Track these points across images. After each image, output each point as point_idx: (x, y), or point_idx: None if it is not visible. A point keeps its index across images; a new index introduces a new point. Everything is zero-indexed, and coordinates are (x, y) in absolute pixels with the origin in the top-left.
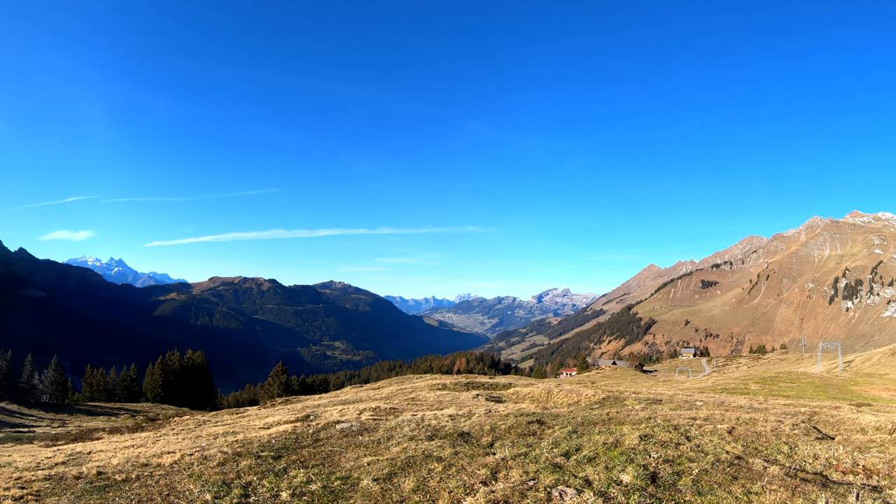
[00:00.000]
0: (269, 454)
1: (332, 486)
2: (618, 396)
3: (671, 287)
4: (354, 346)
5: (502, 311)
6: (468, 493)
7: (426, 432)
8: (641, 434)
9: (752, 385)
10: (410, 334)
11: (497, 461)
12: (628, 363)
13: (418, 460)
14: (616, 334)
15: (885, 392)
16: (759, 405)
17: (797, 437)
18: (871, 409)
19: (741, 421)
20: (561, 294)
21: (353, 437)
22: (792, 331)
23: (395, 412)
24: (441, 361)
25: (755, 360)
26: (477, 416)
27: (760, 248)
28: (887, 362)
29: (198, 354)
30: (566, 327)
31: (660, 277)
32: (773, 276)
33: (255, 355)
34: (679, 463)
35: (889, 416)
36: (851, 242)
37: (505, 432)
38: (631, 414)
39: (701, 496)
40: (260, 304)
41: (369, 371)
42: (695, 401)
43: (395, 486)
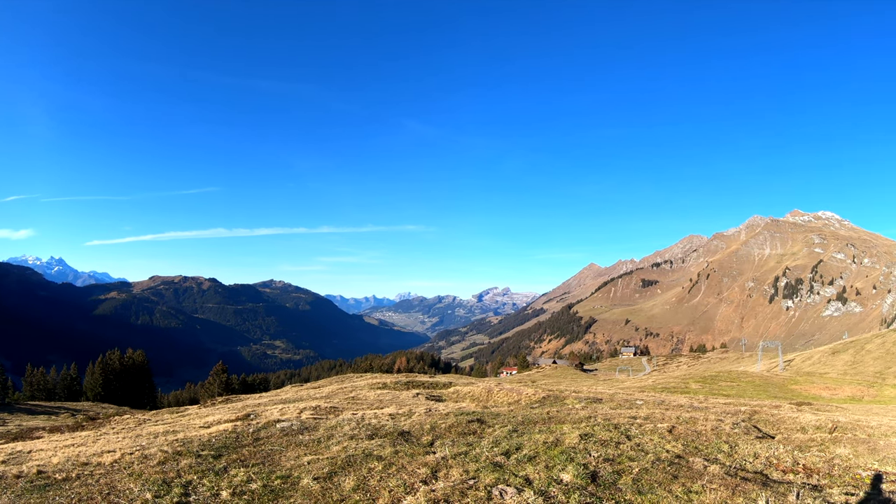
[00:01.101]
0: (210, 453)
1: (272, 484)
2: (558, 395)
3: (612, 286)
4: (295, 345)
5: (443, 311)
6: (408, 491)
7: (366, 431)
8: (582, 433)
9: (692, 384)
10: (351, 333)
11: (437, 460)
12: (569, 362)
13: (358, 459)
14: (556, 333)
15: (825, 391)
16: (700, 404)
17: (737, 437)
18: (812, 408)
19: (681, 420)
20: (501, 293)
21: (294, 436)
22: (732, 330)
23: (336, 411)
24: (381, 360)
25: (695, 359)
26: (417, 415)
27: (701, 247)
28: (827, 361)
29: (138, 353)
30: (506, 326)
31: (600, 276)
32: (714, 275)
33: (196, 354)
34: (619, 462)
35: (829, 415)
36: (792, 241)
37: (445, 431)
38: (571, 413)
39: (641, 495)
40: (200, 303)
41: (310, 370)
42: (635, 400)
43: (335, 484)
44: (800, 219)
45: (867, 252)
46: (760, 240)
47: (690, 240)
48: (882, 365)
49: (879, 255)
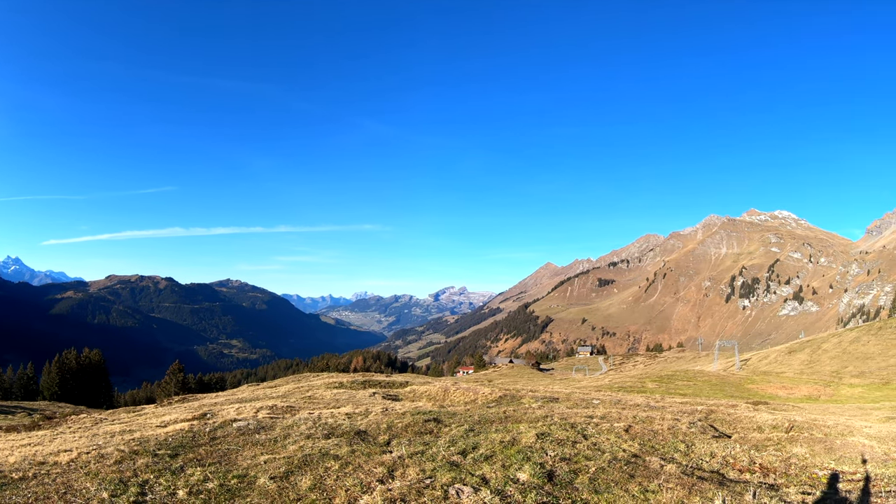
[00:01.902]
0: (166, 452)
1: (228, 484)
2: (515, 395)
3: (568, 285)
4: (251, 344)
5: (399, 310)
6: (365, 491)
7: (323, 430)
8: (538, 432)
9: (649, 383)
10: (307, 332)
11: (394, 459)
12: (525, 361)
13: (315, 458)
14: (513, 332)
15: (781, 390)
16: (656, 403)
17: (694, 436)
18: (768, 407)
19: (638, 419)
20: (458, 292)
21: (250, 435)
22: (689, 329)
23: (292, 410)
24: (338, 360)
25: (652, 358)
26: (374, 415)
27: (657, 246)
28: (784, 360)
29: (95, 353)
30: (463, 325)
31: (557, 276)
32: (670, 274)
33: (153, 354)
34: (576, 461)
35: (786, 415)
36: (748, 241)
37: (402, 430)
38: (528, 412)
39: (598, 494)
40: (157, 302)
41: (266, 369)
42: (592, 399)
43: (291, 484)
44: (756, 218)
45: (824, 251)
46: (717, 239)
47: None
48: (838, 364)
49: (836, 255)
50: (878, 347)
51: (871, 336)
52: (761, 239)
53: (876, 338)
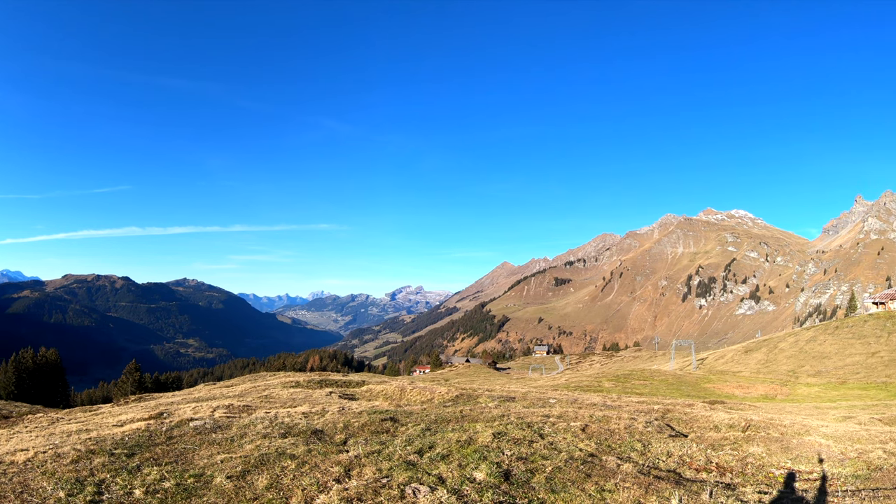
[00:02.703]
0: (123, 452)
1: (185, 483)
2: (471, 394)
3: (525, 285)
4: (208, 343)
5: (356, 309)
6: (321, 490)
7: (280, 430)
8: (495, 432)
9: (605, 383)
10: (264, 332)
11: (350, 459)
12: (482, 361)
13: (272, 458)
14: (470, 332)
15: (738, 389)
16: (613, 403)
17: (651, 435)
18: (725, 406)
19: (595, 418)
20: (415, 291)
21: (207, 434)
22: (645, 328)
23: (249, 410)
24: (294, 359)
25: (609, 357)
26: (330, 414)
27: (614, 245)
28: (740, 360)
29: (51, 352)
30: (420, 325)
31: (513, 275)
32: (627, 273)
33: (109, 353)
34: (533, 460)
35: (742, 414)
36: (705, 240)
37: (358, 430)
38: (484, 411)
39: (554, 494)
40: (114, 301)
41: (223, 369)
42: (548, 398)
43: (248, 483)
44: (713, 217)
45: (780, 250)
46: (674, 238)
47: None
48: (795, 363)
49: (792, 254)
50: (835, 347)
51: (828, 335)
52: (718, 238)
53: (833, 337)
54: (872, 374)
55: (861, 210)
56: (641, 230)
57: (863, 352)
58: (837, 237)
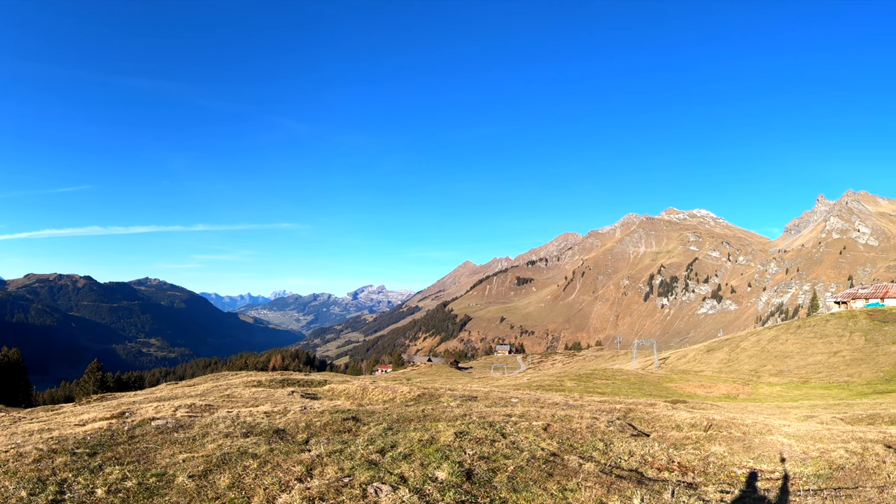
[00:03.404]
0: (85, 451)
1: (147, 482)
2: (433, 393)
3: (487, 284)
4: (170, 343)
5: (318, 309)
6: (283, 489)
7: (241, 429)
8: (457, 431)
9: (567, 382)
10: (226, 331)
11: (312, 458)
12: (444, 360)
13: (234, 457)
14: (432, 331)
15: (700, 389)
16: (575, 402)
17: (612, 434)
18: (687, 405)
19: (556, 418)
20: (377, 291)
21: (169, 434)
22: (607, 328)
23: (211, 409)
24: (257, 358)
25: (571, 356)
26: (292, 413)
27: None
28: (702, 359)
29: (13, 351)
30: (382, 324)
31: (475, 274)
32: (589, 272)
33: (72, 352)
34: (494, 460)
35: (704, 413)
36: (667, 239)
37: (320, 429)
38: (446, 411)
39: (516, 493)
40: (76, 300)
41: (185, 368)
42: (510, 398)
43: (210, 482)
44: (675, 217)
45: (742, 250)
46: (636, 238)
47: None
48: (757, 363)
49: (754, 254)
50: (797, 346)
51: (790, 335)
52: (680, 238)
53: (794, 336)
54: (834, 374)
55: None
56: (603, 230)
57: (825, 351)
58: (799, 236)
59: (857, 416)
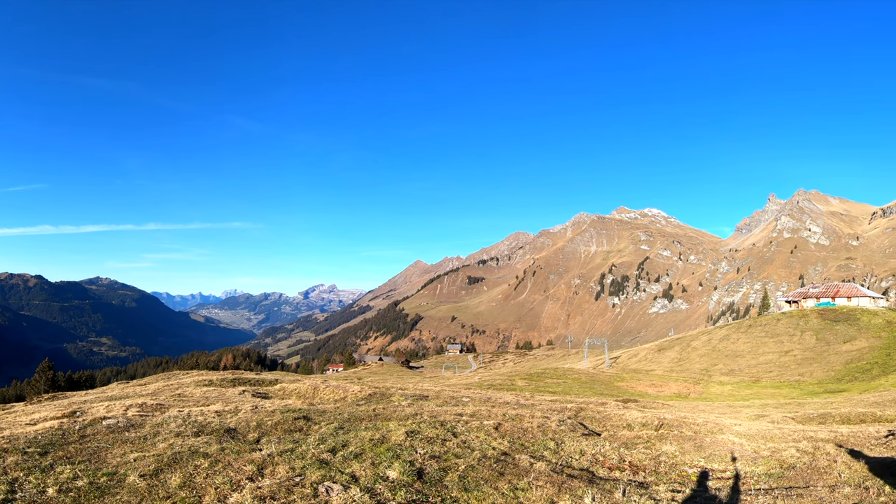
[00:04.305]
0: (36, 450)
1: (98, 482)
2: (384, 392)
3: (438, 283)
4: (121, 342)
5: (269, 308)
6: (234, 488)
7: (192, 428)
8: (408, 430)
9: (518, 381)
10: (177, 330)
11: (263, 457)
12: (395, 359)
13: (185, 456)
14: (383, 330)
15: (651, 388)
16: (526, 401)
17: (564, 433)
18: (638, 405)
19: (508, 417)
20: (328, 290)
21: (120, 433)
22: (558, 327)
23: (162, 408)
24: (208, 358)
25: (522, 355)
26: (243, 412)
27: (527, 244)
28: (653, 358)
29: None
30: (333, 323)
31: (426, 273)
32: (540, 272)
33: (23, 352)
34: (446, 459)
35: (655, 412)
36: (618, 239)
37: (271, 428)
38: (397, 410)
39: (467, 492)
40: (27, 300)
41: (136, 367)
42: (461, 397)
43: (161, 482)
44: (626, 216)
45: (693, 249)
46: (587, 237)
47: (517, 237)
48: (708, 362)
49: (706, 253)
50: (748, 345)
51: (741, 334)
52: (631, 237)
53: (745, 336)
54: (785, 373)
55: (774, 208)
56: (555, 229)
57: (776, 350)
58: (751, 235)
59: (808, 416)
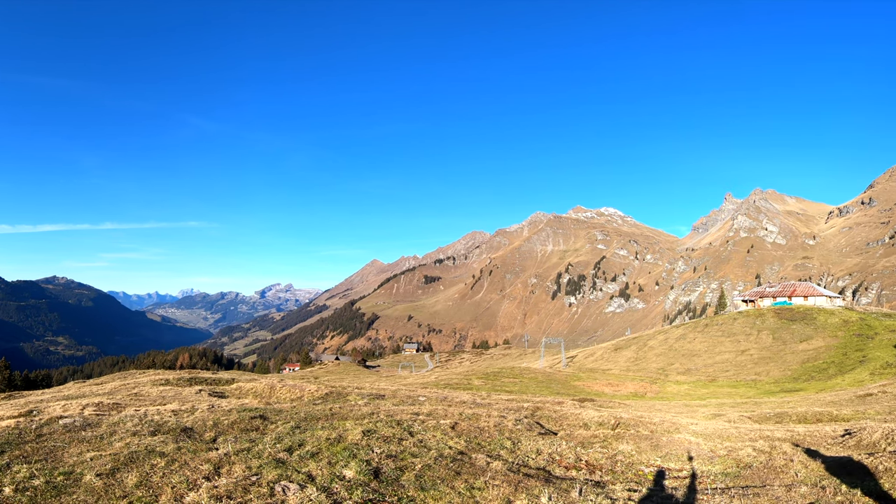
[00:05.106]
0: None
1: (55, 481)
2: (341, 392)
3: (394, 282)
4: (78, 341)
5: (225, 307)
6: (191, 488)
7: (149, 427)
8: (364, 429)
9: (475, 380)
10: (134, 329)
11: (220, 456)
12: (351, 359)
13: (141, 455)
14: (339, 329)
15: (607, 387)
16: (483, 400)
17: (520, 433)
18: (594, 404)
19: (464, 416)
20: (284, 289)
21: (77, 432)
22: (515, 326)
23: (119, 407)
24: (164, 357)
25: (478, 355)
26: (200, 412)
27: (484, 243)
28: (610, 357)
29: None
30: (289, 322)
31: (383, 273)
32: (496, 271)
33: None
34: (402, 458)
35: (612, 411)
36: (575, 238)
37: (228, 427)
38: (354, 409)
39: (424, 491)
40: None
41: (93, 367)
42: (418, 396)
43: (118, 481)
44: (582, 215)
45: (650, 248)
46: (543, 236)
47: (473, 236)
48: (664, 361)
49: (662, 252)
50: (705, 345)
51: (698, 333)
52: (587, 236)
53: (702, 335)
54: (742, 372)
55: (731, 208)
56: (511, 228)
57: (732, 349)
58: (707, 235)
59: (764, 415)
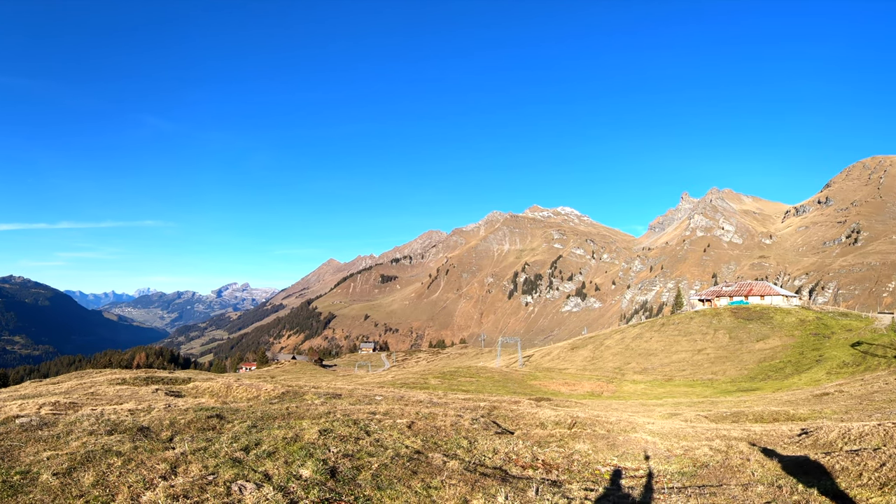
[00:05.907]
0: None
1: (11, 480)
2: (297, 391)
3: (351, 282)
4: (34, 341)
5: (182, 306)
6: (148, 487)
7: (106, 427)
8: (321, 429)
9: (431, 380)
10: (91, 329)
11: (177, 455)
12: (308, 358)
13: (98, 455)
14: (296, 329)
15: (564, 387)
16: (439, 400)
17: (477, 432)
18: (551, 403)
19: (421, 415)
20: (241, 288)
21: (33, 431)
22: (472, 325)
23: (75, 407)
24: (121, 356)
25: (435, 354)
26: (157, 411)
27: (440, 242)
28: (567, 357)
29: None
30: (246, 322)
31: (339, 272)
32: (453, 270)
33: None
34: (359, 457)
35: (568, 411)
36: (531, 237)
37: (184, 427)
38: (311, 408)
39: (380, 490)
40: None
41: (49, 366)
42: (375, 395)
43: (74, 480)
44: (539, 214)
45: (606, 248)
46: (500, 235)
47: (430, 235)
48: (621, 360)
49: (619, 251)
50: (661, 344)
51: (654, 332)
52: (544, 235)
53: (659, 334)
54: (699, 371)
55: (687, 207)
56: (468, 227)
57: (689, 349)
58: (664, 234)
59: (721, 414)
